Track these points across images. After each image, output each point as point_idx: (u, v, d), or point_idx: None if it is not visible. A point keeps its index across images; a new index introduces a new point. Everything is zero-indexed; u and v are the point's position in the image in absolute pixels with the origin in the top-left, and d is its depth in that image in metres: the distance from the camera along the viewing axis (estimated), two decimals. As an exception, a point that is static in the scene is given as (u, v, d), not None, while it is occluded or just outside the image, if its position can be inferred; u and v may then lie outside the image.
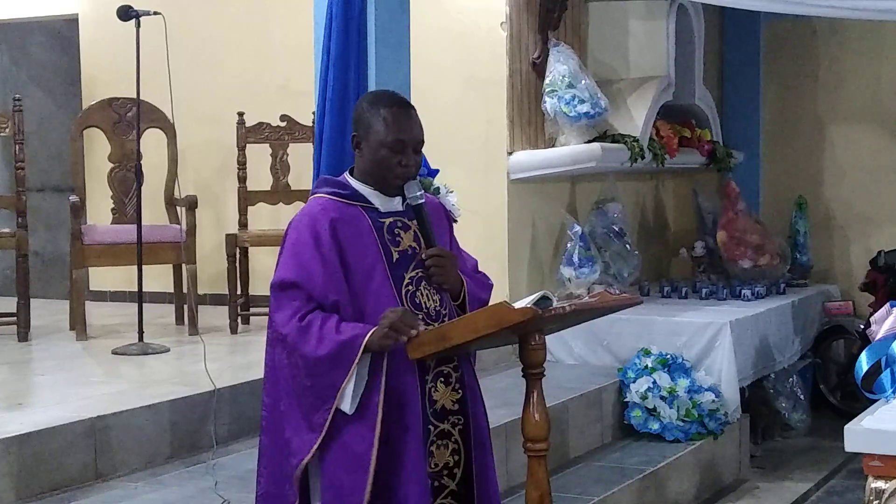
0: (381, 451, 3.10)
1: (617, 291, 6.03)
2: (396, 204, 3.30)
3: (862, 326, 6.99)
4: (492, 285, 3.48)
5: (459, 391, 3.28)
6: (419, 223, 3.28)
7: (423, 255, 3.26)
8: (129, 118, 6.55)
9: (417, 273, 3.25)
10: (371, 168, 3.25)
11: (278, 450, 3.20)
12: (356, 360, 3.05)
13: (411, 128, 3.25)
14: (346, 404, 3.08)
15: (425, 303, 3.23)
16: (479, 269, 3.51)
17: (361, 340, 3.05)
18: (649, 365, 6.24)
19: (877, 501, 3.10)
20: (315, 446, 3.09)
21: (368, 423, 3.10)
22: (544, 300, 3.22)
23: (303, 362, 3.08)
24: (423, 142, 3.29)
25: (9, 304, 6.61)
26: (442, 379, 3.24)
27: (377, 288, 3.17)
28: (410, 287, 3.23)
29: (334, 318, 3.09)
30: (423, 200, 3.28)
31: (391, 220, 3.27)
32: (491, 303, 3.29)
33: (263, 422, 3.26)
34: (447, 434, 3.25)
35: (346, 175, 3.33)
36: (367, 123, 3.24)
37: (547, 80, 6.80)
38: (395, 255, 3.22)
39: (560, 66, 6.78)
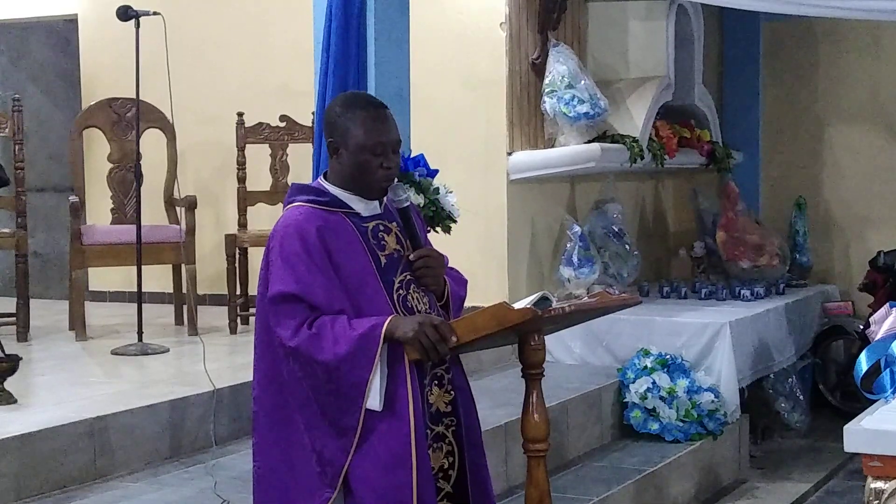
0: None
1: (616, 292, 6.03)
2: (375, 207, 3.25)
3: (861, 327, 6.99)
4: (466, 281, 3.45)
5: (451, 392, 3.25)
6: (406, 225, 3.25)
7: (412, 257, 3.22)
8: (129, 118, 6.55)
9: (406, 276, 3.21)
10: (352, 173, 3.19)
11: (287, 470, 3.12)
12: (378, 351, 3.00)
13: (389, 129, 3.20)
14: (375, 400, 3.02)
15: (416, 306, 3.20)
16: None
17: (380, 330, 3.01)
18: (649, 365, 6.24)
19: (876, 502, 3.10)
20: (351, 450, 3.03)
21: (399, 418, 3.05)
22: (544, 300, 3.22)
23: (322, 368, 3.01)
24: (400, 141, 3.25)
25: (8, 304, 6.61)
26: (436, 381, 3.21)
27: (371, 295, 3.13)
28: (401, 291, 3.19)
29: (343, 318, 3.04)
30: (408, 203, 3.26)
31: (374, 224, 3.22)
32: (490, 304, 3.29)
33: (261, 445, 3.18)
34: (441, 437, 3.21)
35: (322, 181, 3.27)
36: (343, 128, 3.18)
37: (546, 81, 6.80)
38: (383, 260, 3.19)
39: (559, 66, 6.78)
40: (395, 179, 3.27)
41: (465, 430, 3.26)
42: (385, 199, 3.27)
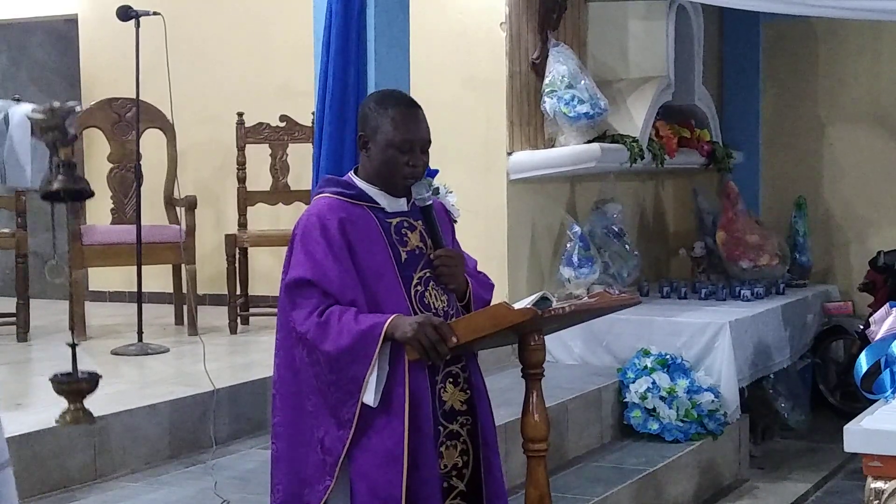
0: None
1: (616, 292, 6.02)
2: (402, 204, 3.30)
3: (861, 327, 6.98)
4: (493, 285, 3.49)
5: (467, 391, 3.28)
6: (427, 224, 3.29)
7: (432, 256, 3.26)
8: (129, 118, 6.55)
9: (426, 273, 3.26)
10: (379, 168, 3.25)
11: (299, 454, 3.18)
12: (377, 350, 3.04)
13: (419, 128, 3.26)
14: (370, 397, 3.06)
15: (433, 303, 3.23)
16: (479, 269, 3.52)
17: (381, 329, 3.05)
18: (649, 365, 6.24)
19: (876, 502, 3.10)
20: (347, 441, 3.08)
21: (396, 416, 3.09)
22: (544, 300, 3.23)
23: (324, 358, 3.07)
24: (430, 142, 3.30)
25: (8, 304, 6.61)
26: (451, 379, 3.25)
27: (387, 288, 3.18)
28: (419, 287, 3.23)
29: (352, 311, 3.09)
30: (431, 202, 3.29)
31: (398, 220, 3.27)
32: (491, 303, 3.29)
33: (279, 427, 3.24)
34: (456, 435, 3.25)
35: (351, 175, 3.33)
36: (374, 123, 3.24)
37: (546, 81, 6.80)
38: (404, 256, 3.23)
39: (559, 66, 6.78)
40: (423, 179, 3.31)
41: (480, 430, 3.29)
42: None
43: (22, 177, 3.05)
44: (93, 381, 3.44)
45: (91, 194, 2.99)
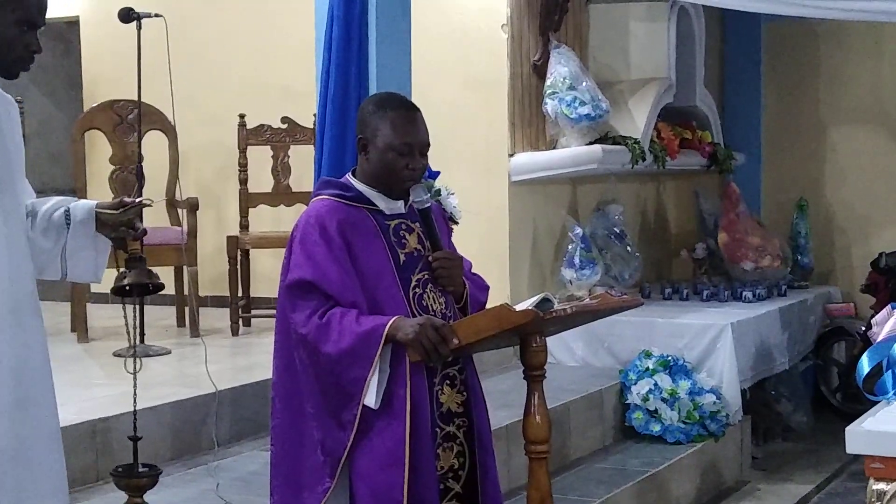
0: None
1: (618, 293, 6.02)
2: (400, 206, 3.31)
3: (863, 328, 6.97)
4: (488, 287, 3.50)
5: (464, 393, 3.29)
6: (426, 226, 3.30)
7: (431, 258, 3.27)
8: (131, 120, 6.55)
9: (424, 275, 3.27)
10: (377, 171, 3.25)
11: (297, 456, 3.18)
12: (378, 352, 3.05)
13: (418, 131, 3.26)
14: (371, 398, 3.06)
15: (431, 305, 3.24)
16: (476, 271, 3.53)
17: (382, 331, 3.05)
18: (650, 367, 6.24)
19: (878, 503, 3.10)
20: (349, 443, 3.08)
21: (397, 418, 3.10)
22: (545, 302, 3.23)
23: (325, 359, 3.07)
24: (429, 144, 3.31)
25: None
26: (448, 381, 3.25)
27: (386, 290, 3.19)
28: (418, 289, 3.24)
29: (353, 312, 3.09)
30: (429, 205, 3.30)
31: (396, 222, 3.28)
32: (491, 305, 3.29)
33: (276, 430, 3.24)
34: (452, 436, 3.26)
35: (349, 177, 3.34)
36: (373, 126, 3.24)
37: (548, 82, 6.80)
38: (402, 258, 3.24)
39: (561, 67, 6.78)
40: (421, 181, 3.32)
41: (476, 432, 3.29)
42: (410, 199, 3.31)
43: (86, 273, 3.08)
44: (153, 476, 3.47)
45: (161, 288, 3.04)
